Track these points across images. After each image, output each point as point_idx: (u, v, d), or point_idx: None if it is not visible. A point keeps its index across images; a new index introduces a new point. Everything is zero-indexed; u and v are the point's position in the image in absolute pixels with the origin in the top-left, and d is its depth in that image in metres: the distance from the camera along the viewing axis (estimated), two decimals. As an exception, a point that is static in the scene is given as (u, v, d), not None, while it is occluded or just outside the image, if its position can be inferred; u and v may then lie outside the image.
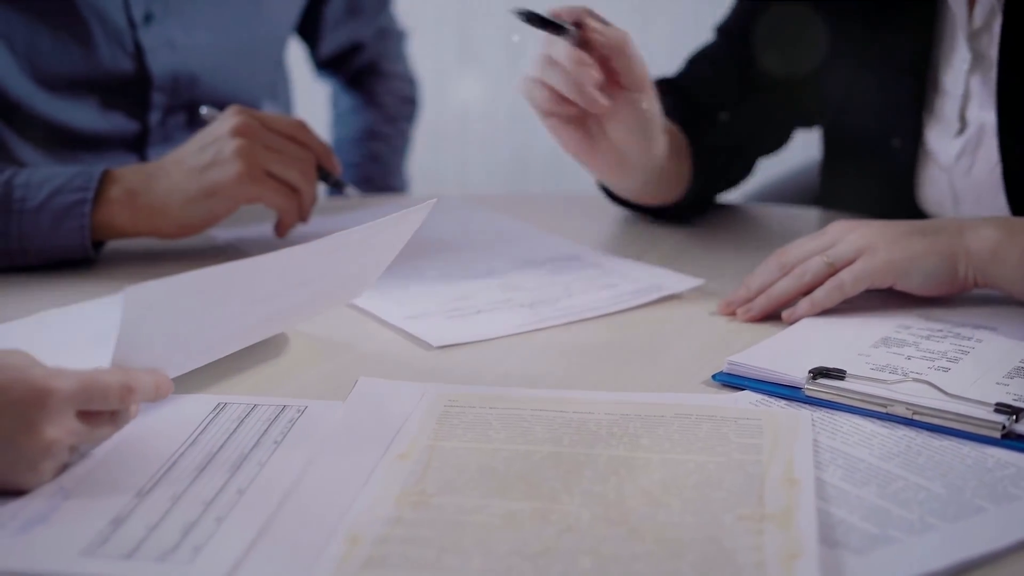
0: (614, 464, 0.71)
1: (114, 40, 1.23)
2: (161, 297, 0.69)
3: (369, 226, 0.79)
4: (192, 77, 1.29)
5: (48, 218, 1.03)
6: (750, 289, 0.97)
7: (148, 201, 1.05)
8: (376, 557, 0.61)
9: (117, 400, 0.68)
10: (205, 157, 1.06)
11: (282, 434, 0.75)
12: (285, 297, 0.81)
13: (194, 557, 0.61)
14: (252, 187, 1.05)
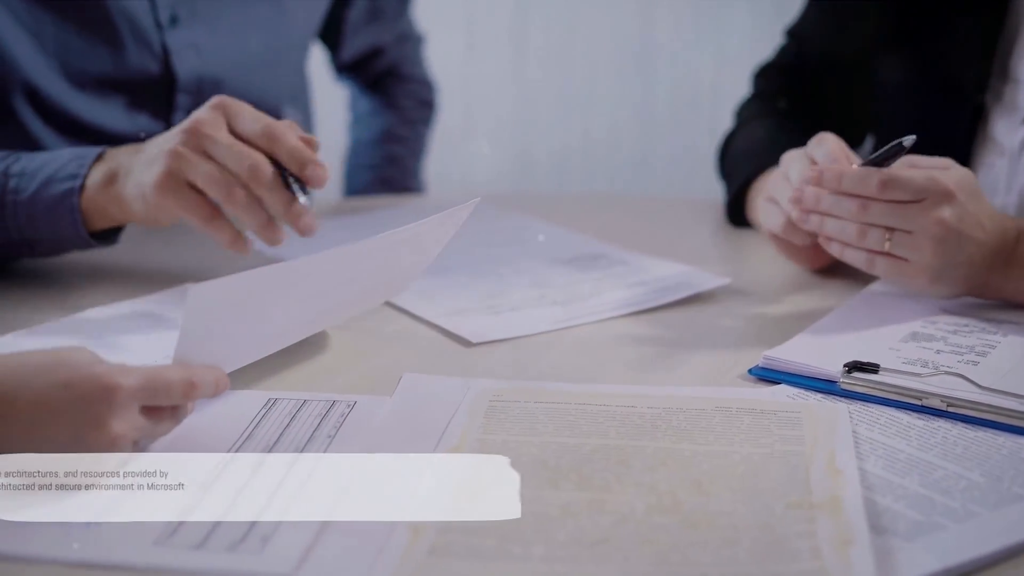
0: (661, 456, 0.73)
1: (141, 41, 1.24)
2: (222, 295, 0.71)
3: (416, 225, 0.81)
4: (216, 80, 1.31)
5: (42, 209, 0.98)
6: (817, 201, 0.96)
7: (119, 188, 0.97)
8: (440, 546, 0.63)
9: (180, 396, 0.70)
10: (154, 149, 0.96)
11: (335, 428, 0.77)
12: (334, 294, 0.83)
13: (263, 547, 0.63)
14: (166, 198, 0.94)
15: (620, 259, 1.15)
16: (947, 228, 0.92)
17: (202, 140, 0.92)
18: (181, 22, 1.26)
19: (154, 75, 1.27)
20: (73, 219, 0.98)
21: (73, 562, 0.62)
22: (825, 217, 0.96)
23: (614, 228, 1.27)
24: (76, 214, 0.98)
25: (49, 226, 0.99)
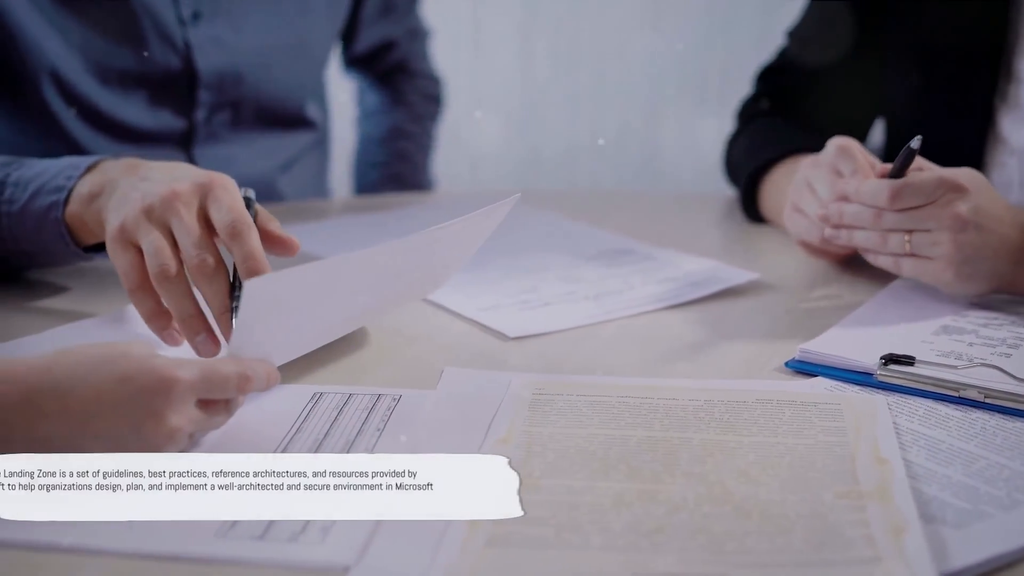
0: (708, 447, 0.74)
1: (164, 37, 1.25)
2: (277, 289, 0.72)
3: (460, 220, 0.82)
4: (238, 76, 1.32)
5: (30, 221, 0.94)
6: (840, 216, 0.98)
7: (101, 204, 0.90)
8: (498, 536, 0.64)
9: (235, 389, 0.71)
10: (132, 193, 0.86)
11: (383, 421, 0.78)
12: (380, 289, 0.84)
13: (323, 538, 0.64)
14: (113, 249, 0.86)
15: (647, 254, 1.16)
16: (963, 220, 0.93)
17: (169, 213, 0.84)
18: (203, 18, 1.27)
19: (176, 71, 1.28)
20: (59, 232, 0.92)
21: (137, 554, 0.63)
22: (852, 231, 0.99)
23: (634, 224, 1.28)
24: (62, 227, 0.92)
25: (39, 239, 0.94)
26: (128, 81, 1.26)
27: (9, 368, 0.67)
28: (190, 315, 0.83)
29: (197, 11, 1.26)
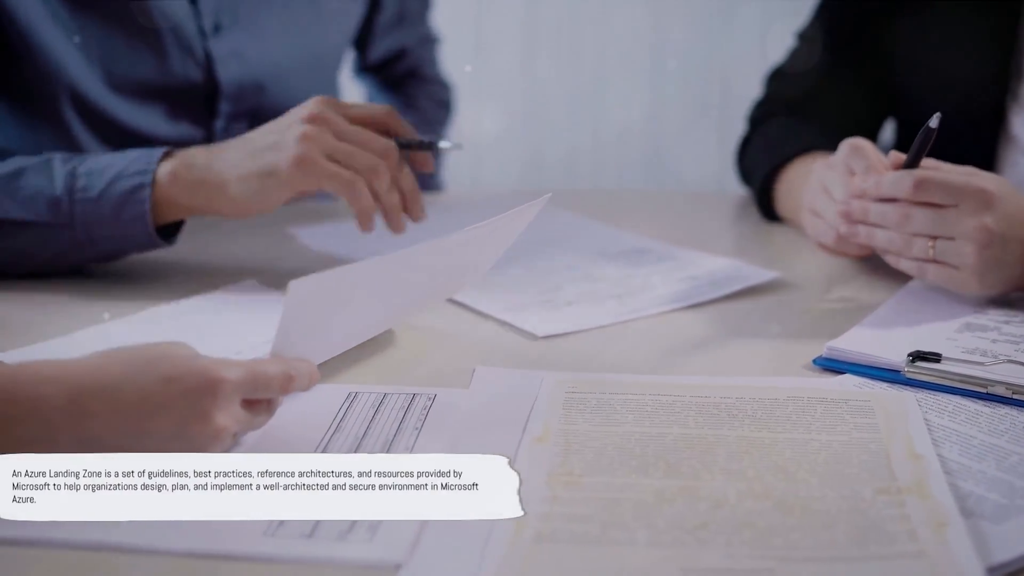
0: (744, 444, 0.75)
1: (185, 49, 1.26)
2: (320, 290, 0.72)
3: (493, 220, 0.82)
4: (257, 86, 1.32)
5: (109, 206, 1.01)
6: (864, 214, 0.98)
7: (204, 175, 1.01)
8: (544, 533, 0.65)
9: (278, 389, 0.72)
10: (269, 139, 1.02)
11: (420, 420, 0.78)
12: (414, 289, 0.85)
13: (372, 536, 0.64)
14: (308, 173, 0.99)
15: (667, 254, 1.16)
16: (990, 233, 0.93)
17: (331, 122, 1.00)
18: (224, 30, 1.27)
19: (197, 82, 1.28)
20: (142, 212, 1.00)
21: (187, 553, 0.63)
22: (873, 230, 0.99)
23: (648, 224, 1.29)
24: (145, 206, 1.00)
25: (115, 222, 1.01)
26: (148, 93, 1.26)
27: (55, 369, 0.67)
28: (399, 203, 1.04)
29: (218, 23, 1.27)
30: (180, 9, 1.24)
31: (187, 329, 0.94)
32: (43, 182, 1.02)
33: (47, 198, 1.01)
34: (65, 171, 1.02)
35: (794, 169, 1.23)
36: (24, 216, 1.01)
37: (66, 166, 1.03)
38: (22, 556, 0.63)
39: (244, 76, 1.31)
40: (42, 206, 1.01)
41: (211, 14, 1.26)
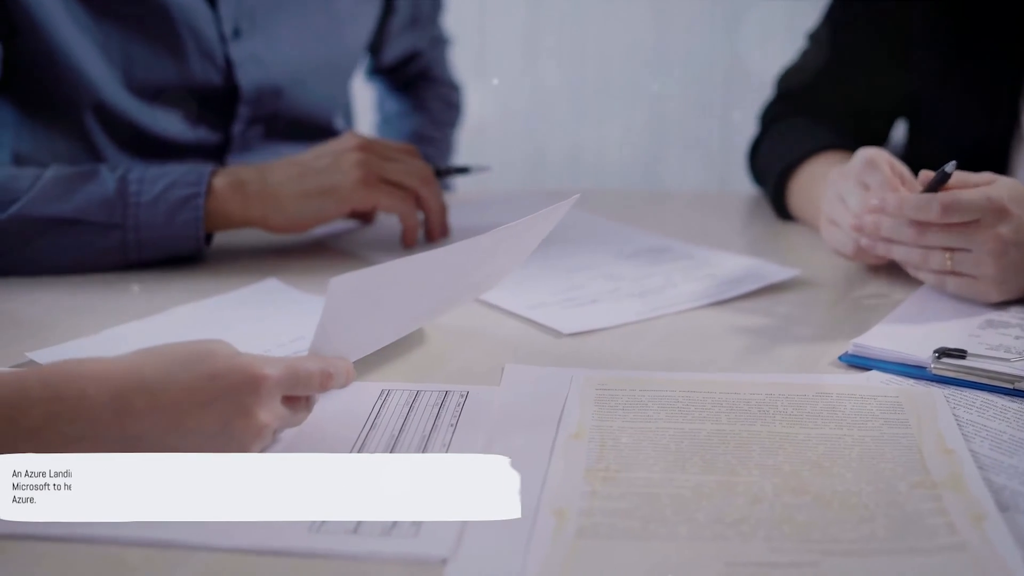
0: (777, 440, 0.75)
1: (205, 54, 1.26)
2: (359, 287, 0.73)
3: (525, 220, 0.83)
4: (275, 90, 1.33)
5: (163, 210, 1.07)
6: (877, 229, 0.99)
7: (259, 190, 1.10)
8: (586, 528, 0.65)
9: (318, 385, 0.72)
10: (324, 163, 1.12)
11: (455, 417, 0.79)
12: (447, 289, 0.85)
13: (416, 531, 0.65)
14: (368, 192, 1.12)
15: (684, 253, 1.17)
16: (1004, 242, 0.95)
17: (377, 149, 1.15)
18: (243, 34, 1.28)
19: (216, 86, 1.29)
20: (196, 220, 1.08)
21: (234, 549, 0.64)
22: (890, 245, 1.00)
23: (662, 223, 1.29)
24: (199, 212, 1.08)
25: (168, 226, 1.08)
26: (167, 98, 1.27)
27: (98, 366, 0.68)
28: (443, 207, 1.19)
29: (237, 28, 1.27)
30: (201, 14, 1.24)
31: (214, 328, 0.94)
32: (95, 185, 1.07)
33: (100, 199, 1.06)
34: (115, 176, 1.08)
35: (808, 169, 1.24)
36: (76, 215, 1.06)
37: (115, 173, 1.08)
38: (73, 552, 0.63)
39: (263, 80, 1.31)
40: (95, 206, 1.06)
41: (231, 19, 1.27)
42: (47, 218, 1.06)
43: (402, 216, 1.16)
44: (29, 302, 1.01)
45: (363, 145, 1.14)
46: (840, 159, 1.21)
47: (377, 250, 1.19)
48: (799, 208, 1.25)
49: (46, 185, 1.07)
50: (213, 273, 1.10)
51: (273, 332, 0.93)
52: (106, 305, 1.01)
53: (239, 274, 1.09)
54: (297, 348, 0.90)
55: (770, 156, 1.32)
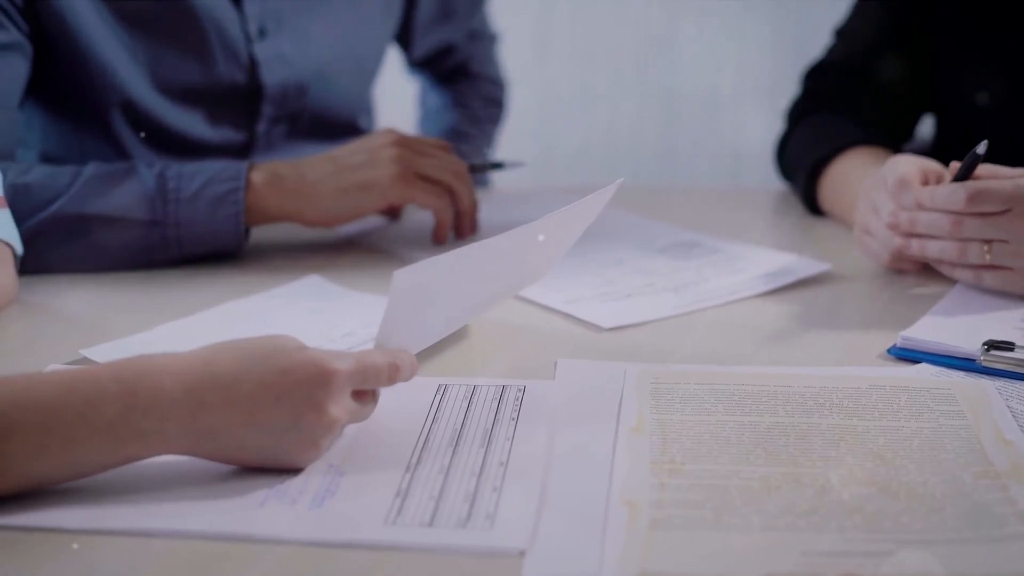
0: (837, 432, 0.76)
1: (230, 53, 1.26)
2: (423, 279, 0.73)
3: (572, 206, 0.83)
4: (300, 89, 1.33)
5: (204, 205, 1.08)
6: (913, 224, 0.99)
7: (296, 185, 1.11)
8: (659, 519, 0.66)
9: (386, 379, 0.73)
10: (360, 158, 1.13)
11: (515, 411, 0.79)
12: (501, 277, 0.86)
13: (491, 524, 0.65)
14: (405, 187, 1.13)
15: (714, 247, 1.18)
16: None
17: (413, 145, 1.15)
18: (269, 33, 1.28)
19: (241, 85, 1.29)
20: (236, 216, 1.09)
21: (311, 542, 0.64)
22: (925, 241, 1.00)
23: (684, 217, 1.29)
24: (240, 207, 1.09)
25: (209, 221, 1.09)
26: (193, 96, 1.27)
27: (171, 361, 0.68)
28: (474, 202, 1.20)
29: (263, 27, 1.27)
30: (227, 14, 1.24)
31: (264, 323, 0.94)
32: (134, 182, 1.07)
33: (140, 196, 1.07)
34: (153, 173, 1.08)
35: (838, 165, 1.25)
36: (117, 213, 1.06)
37: (152, 169, 1.09)
38: (149, 546, 0.64)
39: (288, 79, 1.31)
40: (135, 204, 1.07)
41: (256, 19, 1.27)
42: (88, 216, 1.06)
43: (436, 212, 1.17)
44: (75, 300, 1.02)
45: (398, 141, 1.15)
46: (870, 155, 1.22)
47: (407, 246, 1.20)
48: (830, 203, 1.26)
49: (86, 183, 1.07)
50: (252, 270, 1.10)
51: (322, 328, 0.93)
52: (152, 302, 1.01)
53: (277, 271, 1.09)
54: (348, 344, 0.90)
55: (800, 152, 1.32)
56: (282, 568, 0.62)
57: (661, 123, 2.56)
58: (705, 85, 2.52)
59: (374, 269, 1.12)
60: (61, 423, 0.65)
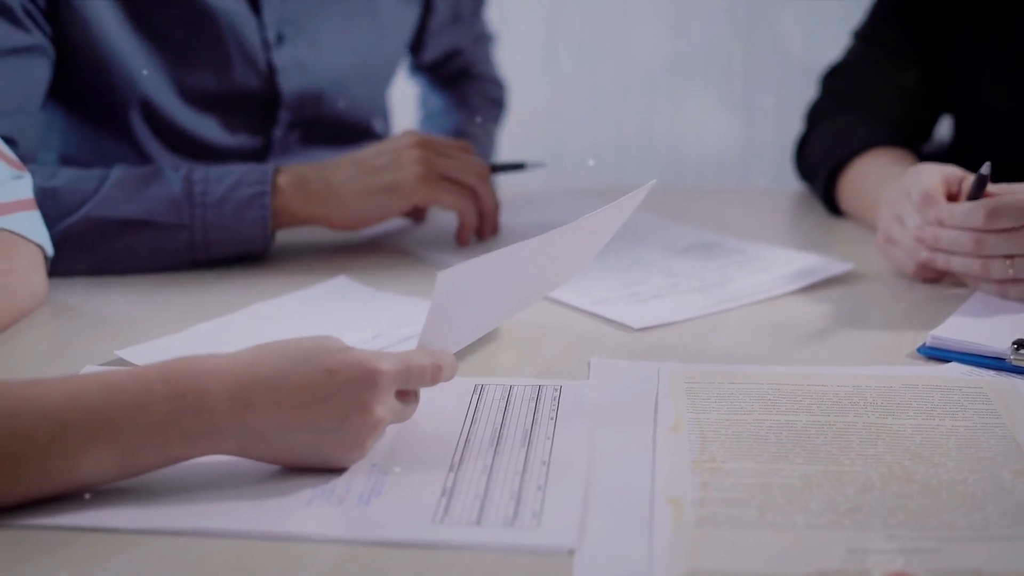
0: (873, 430, 0.77)
1: (249, 59, 1.26)
2: (465, 279, 0.74)
3: (608, 207, 0.83)
4: (317, 95, 1.33)
5: (231, 209, 1.09)
6: (936, 241, 1.00)
7: (322, 188, 1.12)
8: (704, 517, 0.66)
9: (429, 379, 0.73)
10: (383, 160, 1.14)
11: (553, 411, 0.80)
12: (538, 277, 0.86)
13: (538, 523, 0.66)
14: (429, 188, 1.13)
15: (734, 248, 1.18)
16: None
17: (435, 147, 1.16)
18: (287, 40, 1.28)
19: (258, 92, 1.29)
20: (263, 219, 1.10)
21: (359, 541, 0.65)
22: (950, 256, 1.01)
23: (701, 218, 1.30)
24: (267, 211, 1.10)
25: (236, 225, 1.09)
26: (211, 102, 1.27)
27: (217, 363, 0.68)
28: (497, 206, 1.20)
29: (281, 34, 1.28)
30: (245, 21, 1.25)
31: (297, 324, 0.95)
32: (161, 186, 1.08)
33: (167, 200, 1.07)
34: (180, 177, 1.09)
35: (857, 165, 1.25)
36: (144, 217, 1.07)
37: (178, 173, 1.09)
38: (196, 547, 0.64)
39: (305, 86, 1.32)
40: (163, 207, 1.07)
41: (275, 25, 1.27)
42: (117, 220, 1.07)
43: (461, 213, 1.17)
44: (104, 301, 1.02)
45: (421, 142, 1.15)
46: (889, 156, 1.22)
47: (429, 247, 1.20)
48: (850, 204, 1.27)
49: (113, 186, 1.07)
50: (278, 271, 1.11)
51: (353, 328, 0.93)
52: (181, 303, 1.02)
53: (303, 272, 1.10)
54: (380, 345, 0.91)
55: (819, 153, 1.33)
56: (333, 567, 0.63)
57: (669, 124, 2.56)
58: (713, 86, 2.53)
59: (398, 270, 1.13)
60: (110, 424, 0.65)
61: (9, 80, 1.11)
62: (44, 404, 0.65)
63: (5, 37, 1.10)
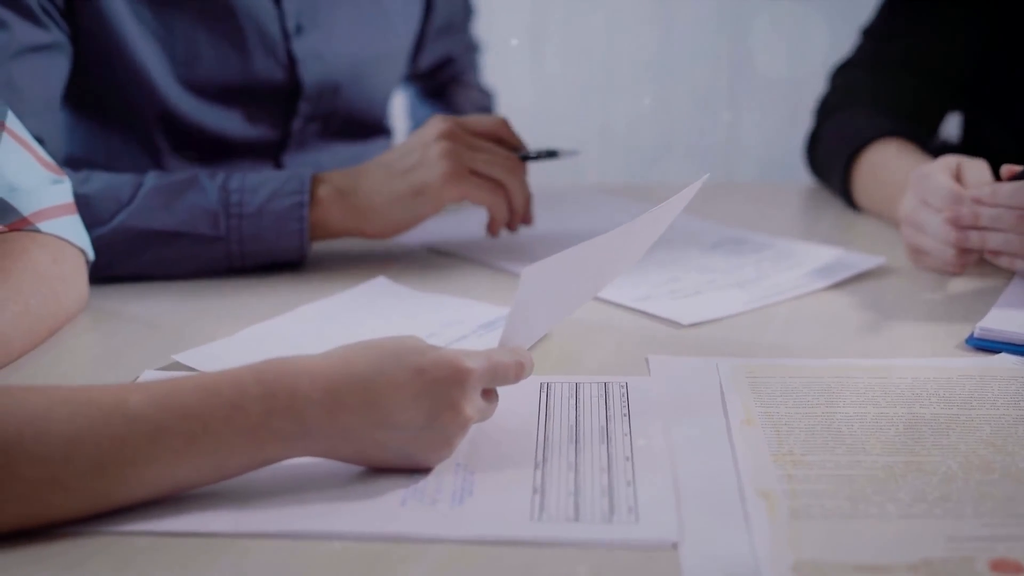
0: (942, 421, 0.78)
1: (269, 50, 1.25)
2: (546, 276, 0.74)
3: (663, 205, 0.84)
4: (335, 87, 1.33)
5: (269, 221, 1.08)
6: (976, 219, 1.01)
7: (356, 201, 1.10)
8: (798, 509, 0.67)
9: (513, 377, 0.73)
10: (411, 160, 1.10)
11: (623, 407, 0.80)
12: (601, 273, 0.86)
13: (635, 518, 0.66)
14: (458, 186, 1.09)
15: (763, 243, 1.20)
16: None
17: (462, 138, 1.10)
18: (305, 31, 1.27)
19: (278, 83, 1.28)
20: (301, 231, 1.09)
21: (457, 540, 0.65)
22: (987, 234, 1.02)
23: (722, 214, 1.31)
24: (304, 223, 1.09)
25: (273, 236, 1.08)
26: (229, 96, 1.26)
27: (309, 364, 0.68)
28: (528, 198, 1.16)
29: (300, 24, 1.27)
30: (265, 11, 1.24)
31: (347, 325, 0.95)
32: (197, 196, 1.07)
33: (204, 211, 1.06)
34: (215, 185, 1.07)
35: (866, 156, 1.27)
36: (179, 228, 1.06)
37: (214, 181, 1.08)
38: (297, 548, 0.64)
39: (324, 77, 1.31)
40: (199, 218, 1.06)
41: (294, 15, 1.26)
42: (152, 231, 1.06)
43: (490, 208, 1.14)
44: (145, 308, 1.01)
45: (449, 132, 1.10)
46: (898, 147, 1.24)
47: (458, 242, 1.20)
48: (863, 196, 1.28)
49: (148, 195, 1.06)
50: (315, 273, 1.11)
51: (405, 329, 0.93)
52: (222, 308, 1.01)
53: (340, 273, 1.10)
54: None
55: (832, 147, 1.34)
56: (439, 566, 0.63)
57: (656, 120, 2.57)
58: (700, 82, 2.54)
59: (432, 268, 1.13)
60: (206, 427, 0.65)
61: (33, 78, 1.09)
62: (137, 409, 0.65)
63: (26, 35, 1.08)
